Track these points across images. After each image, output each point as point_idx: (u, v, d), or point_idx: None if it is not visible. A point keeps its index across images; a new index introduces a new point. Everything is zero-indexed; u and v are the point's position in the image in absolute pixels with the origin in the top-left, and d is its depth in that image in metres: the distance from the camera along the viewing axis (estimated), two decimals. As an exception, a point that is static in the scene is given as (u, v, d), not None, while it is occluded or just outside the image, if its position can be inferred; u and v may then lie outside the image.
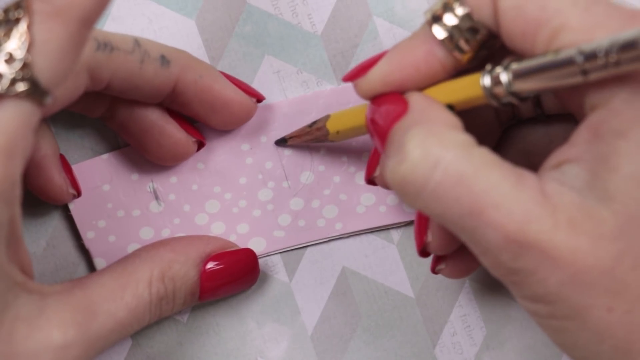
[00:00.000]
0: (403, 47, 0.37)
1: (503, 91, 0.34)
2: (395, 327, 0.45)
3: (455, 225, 0.33)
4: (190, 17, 0.45)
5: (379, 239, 0.45)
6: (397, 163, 0.34)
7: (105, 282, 0.39)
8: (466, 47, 0.35)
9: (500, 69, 0.34)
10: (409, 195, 0.34)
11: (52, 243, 0.45)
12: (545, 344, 0.45)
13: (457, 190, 0.32)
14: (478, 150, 0.33)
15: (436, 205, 0.33)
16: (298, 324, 0.45)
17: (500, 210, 0.32)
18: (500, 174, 0.32)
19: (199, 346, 0.45)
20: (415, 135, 0.34)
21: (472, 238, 0.33)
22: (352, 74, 0.38)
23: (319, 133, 0.43)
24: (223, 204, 0.45)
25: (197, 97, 0.41)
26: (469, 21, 0.35)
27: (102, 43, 0.38)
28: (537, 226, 0.31)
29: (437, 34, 0.36)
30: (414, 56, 0.36)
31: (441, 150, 0.33)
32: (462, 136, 0.34)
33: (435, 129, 0.34)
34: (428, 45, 0.36)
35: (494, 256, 0.32)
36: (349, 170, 0.45)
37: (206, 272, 0.42)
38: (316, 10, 0.45)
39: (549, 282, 0.32)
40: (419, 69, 0.36)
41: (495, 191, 0.32)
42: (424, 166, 0.33)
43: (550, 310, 0.32)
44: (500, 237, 0.32)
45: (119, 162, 0.44)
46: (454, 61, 0.36)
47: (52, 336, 0.35)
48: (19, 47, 0.31)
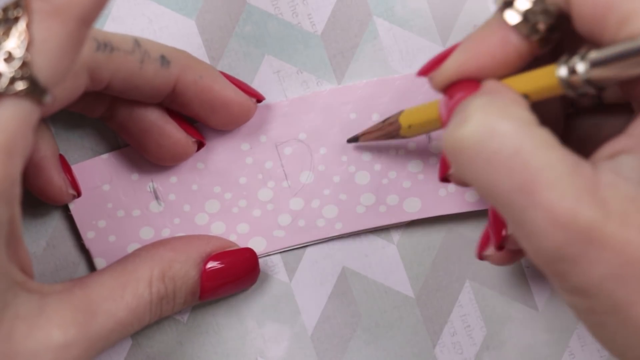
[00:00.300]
0: (477, 35, 0.36)
1: (580, 80, 0.33)
2: (395, 327, 0.45)
3: (502, 201, 0.32)
4: (190, 17, 0.45)
5: (379, 239, 0.45)
6: (456, 126, 0.33)
7: (105, 282, 0.39)
8: (541, 29, 0.35)
9: (577, 59, 0.34)
10: (462, 162, 0.33)
11: (52, 243, 0.45)
12: (545, 344, 0.45)
13: (512, 163, 0.31)
14: (540, 129, 0.32)
15: (487, 176, 0.32)
16: (298, 324, 0.45)
17: (553, 191, 0.31)
18: (558, 156, 0.31)
19: (199, 346, 0.45)
20: (478, 102, 0.33)
21: (518, 218, 0.32)
22: (426, 67, 0.38)
23: (391, 128, 0.42)
24: (223, 204, 0.45)
25: (197, 97, 0.41)
26: (541, 4, 0.35)
27: (102, 43, 0.38)
28: (588, 213, 0.31)
29: (510, 19, 0.35)
30: (489, 44, 0.36)
31: (502, 120, 0.32)
32: (526, 113, 0.33)
33: (500, 100, 0.33)
34: (502, 31, 0.36)
35: (539, 240, 0.31)
36: (349, 170, 0.45)
37: (206, 272, 0.42)
38: (316, 10, 0.45)
39: (592, 273, 0.31)
40: (494, 57, 0.36)
41: (551, 171, 0.31)
42: (482, 132, 0.32)
43: (591, 304, 0.32)
44: (548, 219, 0.31)
45: (119, 162, 0.44)
46: (529, 46, 0.36)
47: (52, 336, 0.35)
48: (18, 45, 0.31)
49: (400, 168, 0.45)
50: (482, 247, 0.42)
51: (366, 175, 0.45)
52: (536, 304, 0.45)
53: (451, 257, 0.45)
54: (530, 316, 0.45)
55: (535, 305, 0.45)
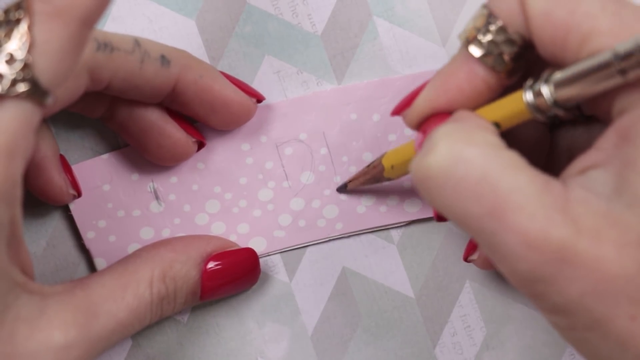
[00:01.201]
0: (444, 72, 0.37)
1: (546, 103, 0.34)
2: (395, 327, 0.45)
3: (473, 227, 0.32)
4: (190, 17, 0.45)
5: (379, 239, 0.45)
6: (423, 156, 0.33)
7: (106, 283, 0.39)
8: (505, 59, 0.35)
9: (541, 82, 0.34)
10: (430, 191, 0.33)
11: (52, 243, 0.45)
12: (545, 344, 0.45)
13: (480, 188, 0.31)
14: (506, 152, 0.33)
15: (456, 203, 0.32)
16: (298, 324, 0.45)
17: (523, 213, 0.31)
18: (526, 177, 0.32)
19: (199, 346, 0.45)
20: (444, 130, 0.33)
21: (490, 242, 0.32)
22: (398, 107, 0.39)
23: (375, 170, 0.43)
24: (223, 204, 0.45)
25: (197, 97, 0.41)
26: (503, 34, 0.35)
27: (102, 43, 0.38)
28: (559, 233, 0.31)
29: (474, 52, 0.36)
30: (456, 78, 0.36)
31: (467, 146, 0.32)
32: (492, 137, 0.33)
33: (466, 127, 0.34)
34: (468, 65, 0.36)
35: (513, 263, 0.31)
36: (350, 170, 0.45)
37: (207, 272, 0.42)
38: (316, 10, 0.45)
39: (569, 292, 0.31)
40: (462, 91, 0.36)
41: (519, 193, 0.31)
42: (448, 159, 0.32)
43: (571, 321, 0.32)
44: (520, 242, 0.31)
45: (119, 162, 0.44)
46: (496, 77, 0.36)
47: (53, 337, 0.35)
48: (20, 47, 0.31)
49: (400, 167, 0.45)
50: (468, 251, 0.43)
51: (366, 174, 0.45)
52: (536, 304, 0.45)
53: (451, 257, 0.45)
54: (530, 316, 0.45)
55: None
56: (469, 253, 0.43)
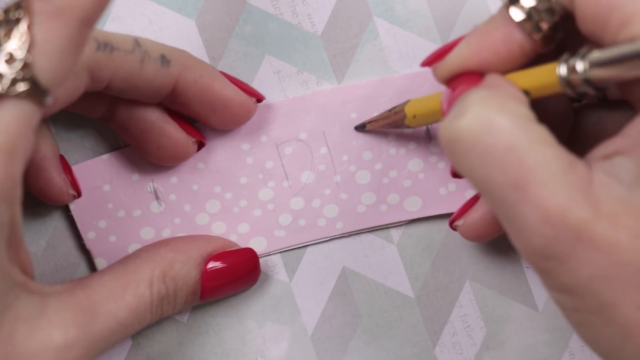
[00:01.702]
0: (481, 30, 0.36)
1: (579, 80, 0.34)
2: (395, 327, 0.45)
3: (495, 196, 0.32)
4: (190, 17, 0.45)
5: (379, 239, 0.45)
6: (453, 118, 0.33)
7: (106, 282, 0.39)
8: (544, 27, 0.35)
9: (577, 58, 0.34)
10: (457, 154, 0.33)
11: (52, 243, 0.45)
12: (545, 344, 0.45)
13: (506, 158, 0.31)
14: (536, 126, 0.32)
15: (481, 169, 0.32)
16: (298, 324, 0.45)
17: (546, 189, 0.31)
18: (553, 154, 0.32)
19: (199, 346, 0.45)
20: (477, 95, 0.33)
21: (509, 214, 0.32)
22: (430, 58, 0.38)
23: (397, 117, 0.42)
24: (223, 204, 0.45)
25: (197, 97, 0.41)
26: (546, 2, 0.35)
27: (102, 43, 0.38)
28: (579, 212, 0.31)
29: (514, 16, 0.35)
30: (492, 39, 0.36)
31: (499, 115, 0.32)
32: (524, 109, 0.33)
33: (498, 95, 0.33)
34: (506, 28, 0.36)
35: (528, 237, 0.31)
36: (350, 170, 0.45)
37: (207, 272, 0.42)
38: (316, 10, 0.45)
39: (580, 273, 0.31)
40: (497, 53, 0.36)
41: (545, 168, 0.31)
42: (478, 125, 0.32)
43: (577, 303, 0.32)
44: (538, 216, 0.31)
45: (119, 162, 0.44)
46: (532, 44, 0.36)
47: (53, 336, 0.35)
48: (20, 47, 0.31)
49: (401, 167, 0.45)
50: (456, 217, 0.43)
51: (367, 174, 0.45)
52: (536, 304, 0.45)
53: (451, 257, 0.45)
54: (530, 316, 0.45)
55: (535, 305, 0.45)
56: (456, 219, 0.43)
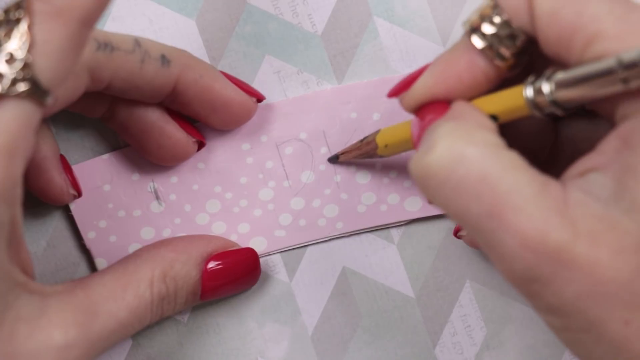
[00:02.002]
0: (444, 59, 0.37)
1: (545, 102, 0.34)
2: (395, 327, 0.45)
3: (473, 226, 0.32)
4: (190, 17, 0.45)
5: (379, 239, 0.46)
6: (423, 153, 0.33)
7: (106, 282, 0.39)
8: (507, 54, 0.35)
9: (543, 79, 0.34)
10: (430, 189, 0.33)
11: (52, 243, 0.45)
12: (545, 344, 0.45)
13: (479, 188, 0.32)
14: (506, 152, 0.33)
15: (456, 202, 0.32)
16: (298, 324, 0.45)
17: (521, 214, 0.31)
18: (525, 178, 0.32)
19: (199, 346, 0.45)
20: (444, 129, 0.33)
21: (488, 241, 0.32)
22: (396, 89, 0.38)
23: (369, 147, 0.43)
24: (224, 204, 0.45)
25: (198, 97, 0.41)
26: (507, 28, 0.35)
27: (102, 43, 0.38)
28: (556, 235, 0.31)
29: (476, 43, 0.36)
30: (456, 67, 0.36)
31: (468, 146, 0.32)
32: (492, 137, 0.33)
33: (466, 126, 0.34)
34: (469, 55, 0.36)
35: (510, 263, 0.32)
36: (350, 169, 0.45)
37: (208, 272, 0.42)
38: (316, 10, 0.45)
39: (564, 293, 0.31)
40: (461, 80, 0.36)
41: (518, 194, 0.31)
42: (448, 159, 0.32)
43: (565, 322, 0.32)
44: (517, 242, 0.31)
45: (119, 162, 0.44)
46: (496, 70, 0.36)
47: (53, 336, 0.35)
48: (20, 47, 0.31)
49: (401, 167, 0.45)
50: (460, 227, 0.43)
51: (367, 174, 0.45)
52: (536, 304, 0.45)
53: (451, 257, 0.45)
54: (530, 316, 0.45)
55: (535, 305, 0.45)
56: (460, 228, 0.43)
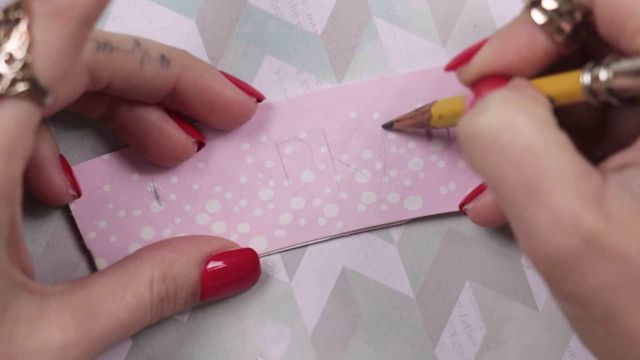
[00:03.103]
0: (504, 33, 0.36)
1: (601, 89, 0.34)
2: (395, 327, 0.45)
3: (507, 196, 0.32)
4: (190, 17, 0.45)
5: (379, 239, 0.45)
6: (474, 115, 0.33)
7: (106, 283, 0.39)
8: (567, 29, 0.35)
9: (601, 67, 0.34)
10: (474, 151, 0.33)
11: (52, 243, 0.45)
12: (545, 344, 0.45)
13: (522, 159, 0.31)
14: (556, 131, 0.32)
15: (496, 168, 0.32)
16: (298, 324, 0.45)
17: (559, 193, 0.31)
18: (569, 160, 0.31)
19: (199, 346, 0.45)
20: (499, 95, 0.33)
21: (520, 216, 0.32)
22: (454, 62, 0.38)
23: (423, 117, 0.43)
24: (224, 204, 0.45)
25: (197, 97, 0.41)
26: (567, 3, 0.35)
27: (102, 43, 0.38)
28: (591, 221, 0.30)
29: (536, 18, 0.35)
30: (516, 42, 0.36)
31: (519, 115, 0.32)
32: (545, 113, 0.33)
33: (521, 96, 0.33)
34: (529, 30, 0.36)
35: (538, 242, 0.31)
36: (350, 169, 0.45)
37: (207, 272, 0.42)
38: (316, 10, 0.45)
39: (587, 283, 0.31)
40: (521, 55, 0.36)
41: (560, 173, 0.31)
42: (497, 124, 0.32)
43: (582, 312, 0.32)
44: (549, 220, 0.31)
45: (119, 162, 0.44)
46: (555, 45, 0.36)
47: (52, 336, 0.35)
48: (19, 47, 0.31)
49: (401, 166, 0.45)
50: (466, 200, 0.43)
51: (367, 173, 0.45)
52: (536, 304, 0.45)
53: (451, 257, 0.45)
54: (530, 316, 0.45)
55: (535, 305, 0.45)
56: (466, 202, 0.43)
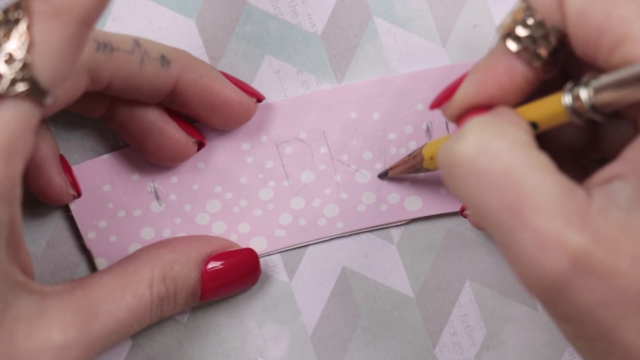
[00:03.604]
0: (482, 66, 0.36)
1: (584, 108, 0.33)
2: (395, 327, 0.45)
3: (492, 221, 0.32)
4: (190, 17, 0.45)
5: (379, 239, 0.45)
6: (452, 142, 0.33)
7: (106, 283, 0.39)
8: (543, 54, 0.35)
9: (580, 86, 0.34)
10: (454, 178, 0.33)
11: (52, 243, 0.45)
12: (545, 344, 0.45)
13: (502, 182, 0.31)
14: (535, 151, 0.32)
15: (478, 193, 0.32)
16: (298, 324, 0.45)
17: (542, 214, 0.31)
18: (551, 180, 0.31)
19: (199, 346, 0.45)
20: (477, 121, 0.33)
21: (506, 239, 0.32)
22: (438, 100, 0.39)
23: (415, 160, 0.43)
24: (224, 204, 0.45)
25: (197, 97, 0.41)
26: (541, 29, 0.35)
27: (102, 43, 0.38)
28: (576, 239, 0.30)
29: (511, 47, 0.36)
30: (495, 73, 0.36)
31: (496, 139, 0.32)
32: (523, 135, 0.33)
33: (498, 121, 0.34)
34: (506, 60, 0.36)
35: (526, 265, 0.31)
36: (350, 169, 0.45)
37: (207, 272, 0.42)
38: (316, 10, 0.45)
39: (579, 301, 0.31)
40: (501, 85, 0.36)
41: (542, 193, 0.31)
42: (475, 149, 0.32)
43: (578, 330, 0.32)
44: (535, 242, 0.31)
45: (119, 162, 0.44)
46: (534, 72, 0.36)
47: (52, 336, 0.35)
48: (19, 47, 0.31)
49: (401, 167, 0.45)
50: None
51: (367, 174, 0.45)
52: (536, 304, 0.45)
53: (451, 257, 0.45)
54: (530, 316, 0.45)
55: (535, 305, 0.45)
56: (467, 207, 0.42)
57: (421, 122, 0.45)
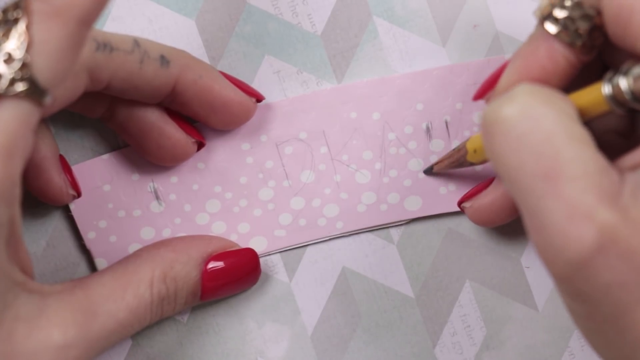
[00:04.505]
0: (523, 51, 0.36)
1: (624, 96, 0.33)
2: (395, 327, 0.45)
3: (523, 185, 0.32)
4: (190, 17, 0.45)
5: (379, 239, 0.45)
6: (499, 102, 0.33)
7: (106, 282, 0.39)
8: (583, 33, 0.35)
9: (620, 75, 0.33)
10: (493, 135, 0.33)
11: (52, 243, 0.45)
12: (545, 344, 0.45)
13: (543, 147, 0.31)
14: (579, 126, 0.32)
15: (515, 154, 0.32)
16: (298, 324, 0.45)
17: (577, 186, 0.31)
18: (589, 155, 0.31)
19: (199, 346, 0.45)
20: (527, 87, 0.33)
21: (534, 206, 0.31)
22: (481, 91, 0.39)
23: (459, 154, 0.43)
24: (224, 204, 0.45)
25: (197, 97, 0.41)
26: (579, 9, 0.35)
27: (101, 43, 0.38)
28: (606, 215, 0.30)
29: (550, 29, 0.36)
30: (537, 57, 0.36)
31: (544, 106, 0.32)
32: (570, 109, 0.33)
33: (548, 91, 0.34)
34: (546, 42, 0.36)
35: (550, 235, 0.31)
36: (350, 169, 0.45)
37: (208, 272, 0.42)
38: (316, 10, 0.45)
39: (598, 278, 0.31)
40: (544, 68, 0.36)
41: (580, 166, 0.31)
42: (521, 111, 0.32)
43: (592, 311, 0.32)
44: (565, 212, 0.31)
45: (119, 162, 0.44)
46: (575, 53, 0.36)
47: (52, 336, 0.35)
48: (18, 47, 0.31)
49: (401, 166, 0.45)
50: (466, 197, 0.43)
51: (367, 174, 0.45)
52: (536, 304, 0.45)
53: (451, 257, 0.45)
54: (530, 316, 0.45)
55: (535, 305, 0.45)
56: (465, 199, 0.43)
57: (421, 122, 0.45)
